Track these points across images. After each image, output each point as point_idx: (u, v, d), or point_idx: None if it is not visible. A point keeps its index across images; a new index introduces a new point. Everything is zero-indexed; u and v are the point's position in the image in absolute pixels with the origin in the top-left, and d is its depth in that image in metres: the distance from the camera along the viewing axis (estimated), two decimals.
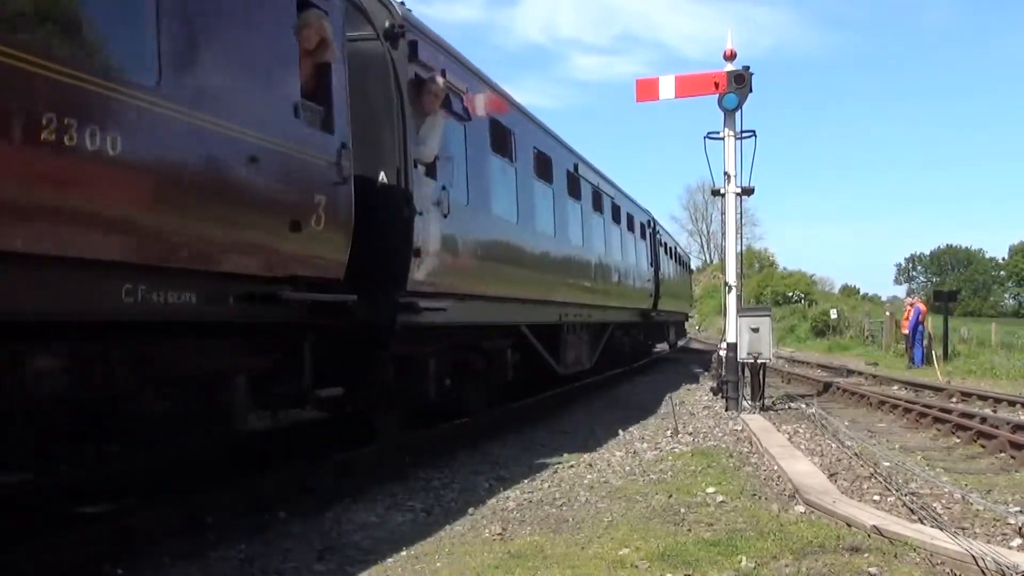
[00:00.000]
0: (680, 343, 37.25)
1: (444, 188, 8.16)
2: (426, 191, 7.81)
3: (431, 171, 7.97)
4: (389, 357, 7.65)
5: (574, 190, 14.12)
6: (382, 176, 7.38)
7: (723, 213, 13.65)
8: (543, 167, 12.29)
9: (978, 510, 6.46)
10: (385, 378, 7.61)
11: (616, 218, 17.91)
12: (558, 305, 12.63)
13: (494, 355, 10.72)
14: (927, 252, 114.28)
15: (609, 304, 16.41)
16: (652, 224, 23.65)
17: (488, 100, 10.05)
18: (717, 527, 5.86)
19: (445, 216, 8.14)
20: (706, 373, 20.73)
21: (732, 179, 13.15)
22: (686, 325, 40.86)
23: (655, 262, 23.15)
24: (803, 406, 13.71)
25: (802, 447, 9.44)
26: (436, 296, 8.02)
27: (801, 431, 10.89)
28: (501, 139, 10.51)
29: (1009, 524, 5.95)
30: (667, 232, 29.27)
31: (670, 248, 28.94)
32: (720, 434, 10.58)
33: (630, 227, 19.71)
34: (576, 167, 14.30)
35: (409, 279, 7.39)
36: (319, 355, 6.36)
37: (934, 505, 6.65)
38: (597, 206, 16.02)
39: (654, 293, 22.36)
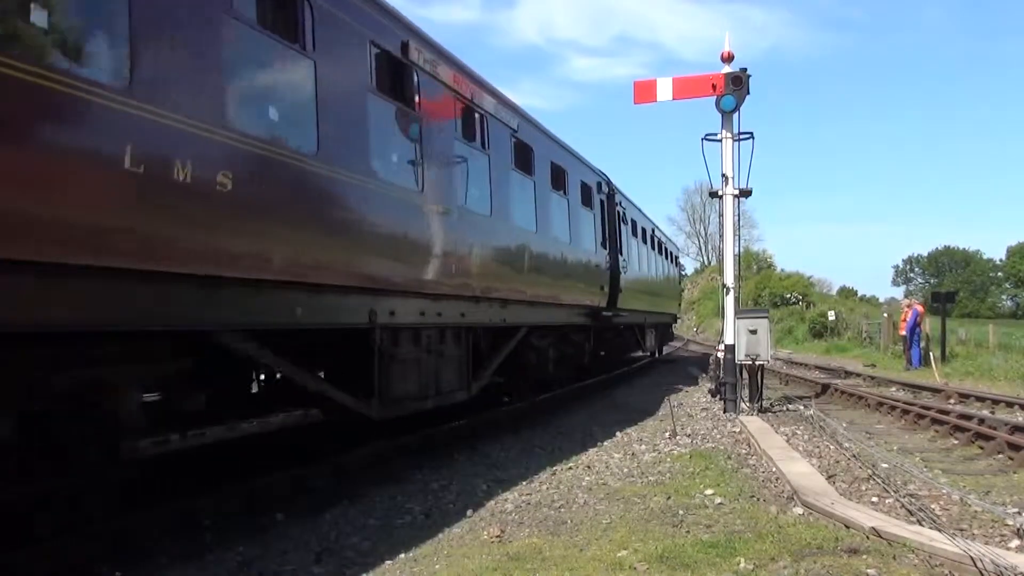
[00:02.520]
0: (674, 346, 36.19)
1: None
2: None
3: None
4: None
5: (403, 92, 8.31)
6: None
7: (721, 215, 13.65)
8: (274, 13, 6.32)
9: (976, 511, 6.46)
10: None
11: (524, 164, 11.75)
12: (364, 293, 7.29)
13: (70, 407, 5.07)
14: (925, 253, 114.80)
15: (510, 296, 10.86)
16: (607, 190, 17.18)
17: None
18: (715, 529, 5.86)
19: None
20: (704, 375, 20.73)
21: (730, 181, 13.16)
22: (674, 328, 34.62)
23: (612, 243, 17.08)
24: (801, 408, 13.71)
25: (800, 448, 9.44)
26: None
27: (799, 432, 10.89)
28: None
29: (1007, 525, 5.95)
30: (638, 209, 21.88)
31: (645, 231, 22.52)
32: (718, 436, 10.58)
33: (557, 184, 13.31)
34: (405, 48, 8.18)
35: None
36: None
37: (932, 506, 6.66)
38: (472, 133, 9.94)
39: (610, 285, 16.36)
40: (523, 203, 11.73)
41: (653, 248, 24.12)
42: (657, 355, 28.67)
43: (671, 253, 30.36)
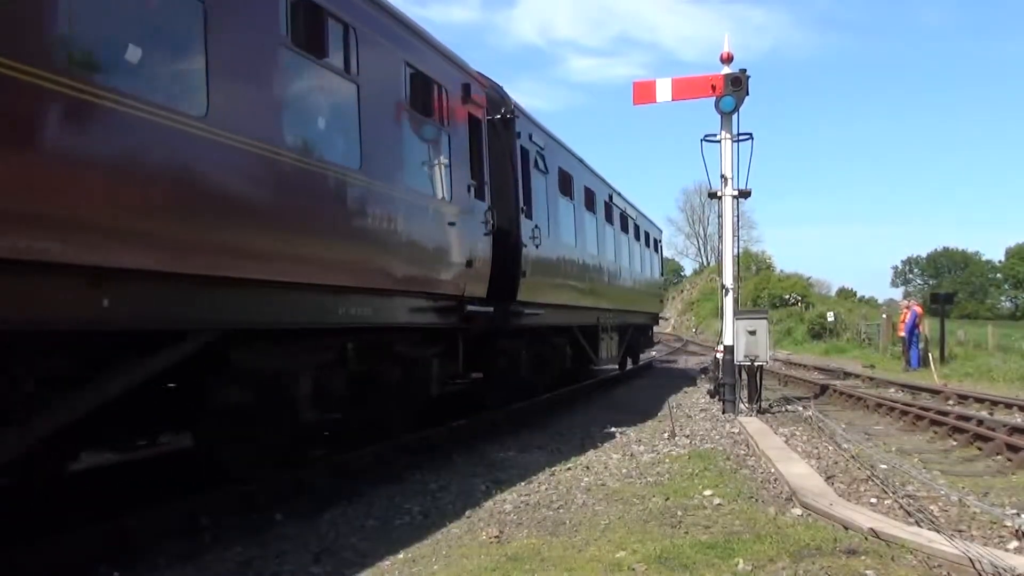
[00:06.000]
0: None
1: None
2: None
3: None
4: None
5: None
6: None
7: (720, 216, 13.65)
8: None
9: (975, 512, 6.46)
10: None
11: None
12: None
13: None
14: (924, 255, 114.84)
15: (139, 261, 4.81)
16: (496, 109, 11.16)
17: None
18: (714, 530, 5.86)
19: None
20: (703, 376, 20.74)
21: (729, 182, 13.16)
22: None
23: (506, 195, 11.01)
24: (800, 408, 13.72)
25: (799, 449, 9.44)
26: None
27: (798, 433, 10.90)
28: None
29: (1006, 526, 5.96)
30: (579, 159, 15.42)
31: (592, 193, 16.01)
32: (717, 436, 10.58)
33: (315, 46, 6.65)
34: None
35: None
36: None
37: (931, 507, 6.66)
38: None
39: (495, 261, 10.28)
40: (148, 41, 5.03)
41: (610, 221, 17.61)
42: (632, 365, 22.97)
43: (647, 234, 22.82)
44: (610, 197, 17.87)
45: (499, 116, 11.16)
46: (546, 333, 13.53)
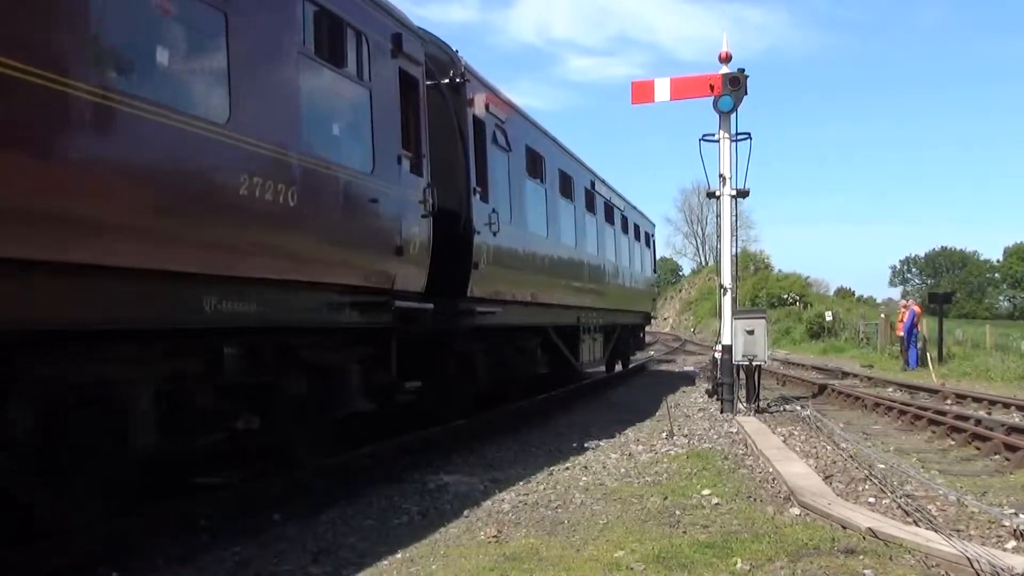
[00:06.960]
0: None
1: None
2: None
3: None
4: None
5: None
6: None
7: (718, 215, 13.64)
8: None
9: (973, 512, 6.47)
10: None
11: None
12: None
13: None
14: (922, 254, 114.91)
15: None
16: (446, 72, 9.65)
17: None
18: (712, 529, 5.87)
19: None
20: (701, 375, 20.75)
21: (727, 181, 13.16)
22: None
23: (454, 171, 9.49)
24: (798, 408, 13.71)
25: (797, 449, 9.45)
26: None
27: (796, 433, 10.90)
28: None
29: (1004, 526, 5.96)
30: (553, 139, 13.79)
31: (569, 178, 14.43)
32: (715, 436, 10.58)
33: None
34: None
35: None
36: None
37: (929, 507, 6.66)
38: None
39: (437, 248, 8.54)
40: None
41: (592, 211, 16.06)
42: (621, 368, 21.75)
43: (637, 227, 21.16)
44: (592, 184, 16.24)
45: (447, 80, 9.56)
46: (511, 334, 11.81)
